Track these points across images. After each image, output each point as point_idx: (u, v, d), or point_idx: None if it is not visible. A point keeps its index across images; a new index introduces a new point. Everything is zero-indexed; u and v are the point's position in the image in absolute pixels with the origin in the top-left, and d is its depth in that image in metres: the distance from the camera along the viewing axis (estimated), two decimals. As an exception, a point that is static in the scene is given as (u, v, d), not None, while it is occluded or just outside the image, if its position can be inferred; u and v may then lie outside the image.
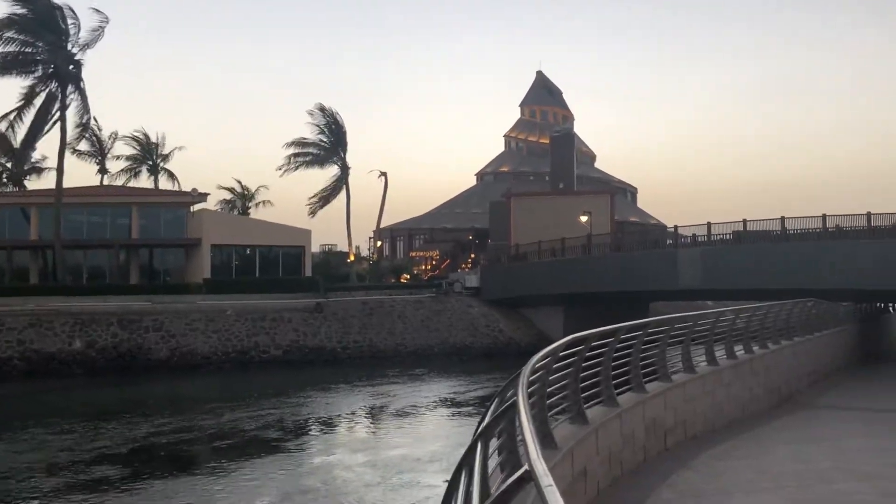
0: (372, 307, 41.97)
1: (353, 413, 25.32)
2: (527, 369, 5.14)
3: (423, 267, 71.68)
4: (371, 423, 24.42)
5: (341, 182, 58.85)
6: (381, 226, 65.51)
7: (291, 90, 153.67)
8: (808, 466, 9.93)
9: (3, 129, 49.51)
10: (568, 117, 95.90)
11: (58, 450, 18.81)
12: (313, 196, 59.76)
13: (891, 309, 34.01)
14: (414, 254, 79.07)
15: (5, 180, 57.47)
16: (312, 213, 60.01)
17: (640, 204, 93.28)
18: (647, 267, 37.12)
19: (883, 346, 29.07)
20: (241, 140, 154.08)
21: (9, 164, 56.51)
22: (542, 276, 42.85)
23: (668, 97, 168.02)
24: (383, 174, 59.82)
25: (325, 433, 22.56)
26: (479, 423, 5.20)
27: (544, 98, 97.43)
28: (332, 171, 59.01)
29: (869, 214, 29.84)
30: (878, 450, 11.10)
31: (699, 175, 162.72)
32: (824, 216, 31.24)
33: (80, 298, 38.45)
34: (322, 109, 58.16)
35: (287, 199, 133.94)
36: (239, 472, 16.63)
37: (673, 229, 41.89)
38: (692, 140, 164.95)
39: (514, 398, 4.17)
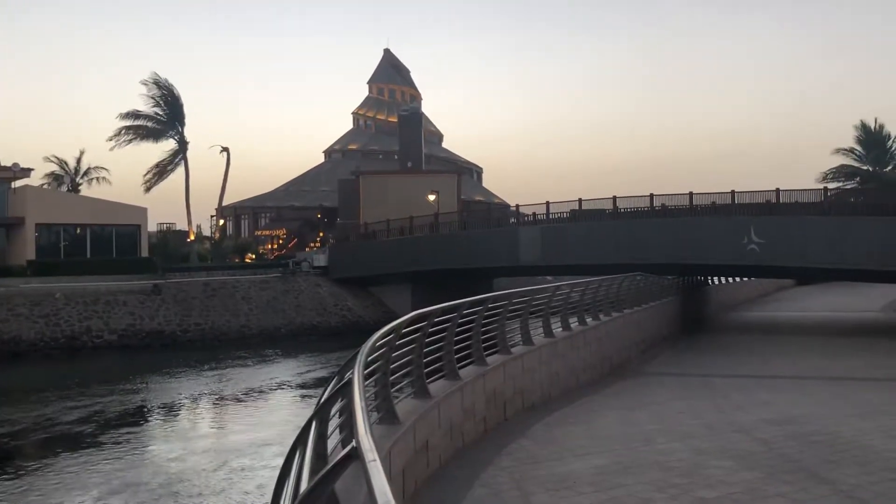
0: (214, 288, 40.59)
1: (191, 399, 24.44)
2: (366, 347, 5.18)
3: (270, 246, 70.08)
4: (210, 408, 23.70)
5: (178, 157, 56.25)
6: (224, 204, 63.32)
7: (129, 62, 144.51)
8: (635, 429, 10.68)
9: None
10: (416, 96, 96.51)
11: None
12: (148, 171, 56.83)
13: (710, 281, 36.99)
14: (259, 233, 77.12)
15: None
16: (148, 188, 57.14)
17: (486, 184, 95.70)
18: (490, 244, 38.27)
19: (702, 316, 31.64)
20: (73, 113, 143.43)
21: None
22: (391, 254, 43.11)
23: (517, 79, 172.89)
24: (225, 149, 57.66)
25: (160, 421, 21.67)
26: (318, 402, 5.20)
27: (392, 76, 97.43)
28: (169, 145, 56.31)
29: (691, 194, 32.24)
30: (695, 411, 12.11)
31: (541, 156, 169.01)
32: (651, 196, 33.41)
33: None
34: (157, 81, 55.18)
35: (123, 177, 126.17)
36: (63, 467, 15.61)
37: (515, 208, 43.32)
38: (537, 122, 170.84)
39: (351, 376, 4.20)
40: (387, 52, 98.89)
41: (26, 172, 51.78)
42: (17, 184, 49.83)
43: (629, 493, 7.23)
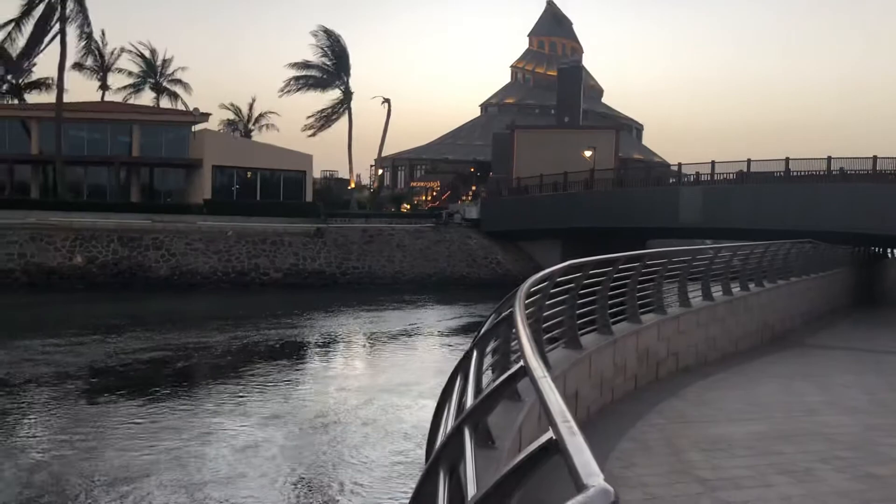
0: (371, 235, 42.09)
1: (346, 336, 25.69)
2: (524, 286, 5.19)
3: (424, 197, 71.55)
4: (363, 346, 24.80)
5: (343, 106, 58.20)
6: (383, 154, 65.04)
7: (298, 13, 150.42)
8: (796, 399, 10.13)
9: (1, 41, 48.68)
10: (577, 49, 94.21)
11: (54, 361, 19.11)
12: (312, 115, 59.15)
13: (889, 254, 34.11)
14: (415, 184, 78.81)
15: (5, 91, 56.74)
16: (313, 133, 59.51)
17: (646, 141, 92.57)
18: (648, 203, 37.07)
19: (878, 291, 29.28)
20: (246, 62, 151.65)
21: (9, 77, 55.73)
22: (543, 209, 42.81)
23: (681, 36, 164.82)
24: (386, 101, 59.05)
25: (317, 355, 22.93)
26: (476, 335, 5.29)
27: (553, 29, 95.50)
28: (334, 95, 58.33)
29: (875, 158, 29.65)
30: (865, 386, 11.30)
31: (707, 115, 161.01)
32: (829, 158, 31.04)
33: (81, 214, 38.46)
34: (325, 31, 57.07)
35: (289, 124, 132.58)
36: (227, 391, 16.89)
37: (677, 167, 41.63)
38: (703, 80, 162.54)
39: (511, 310, 4.22)
40: (549, 3, 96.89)
41: (205, 117, 55.40)
42: (197, 128, 53.49)
43: (789, 460, 6.88)
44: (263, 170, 52.36)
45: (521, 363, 2.45)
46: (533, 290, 6.49)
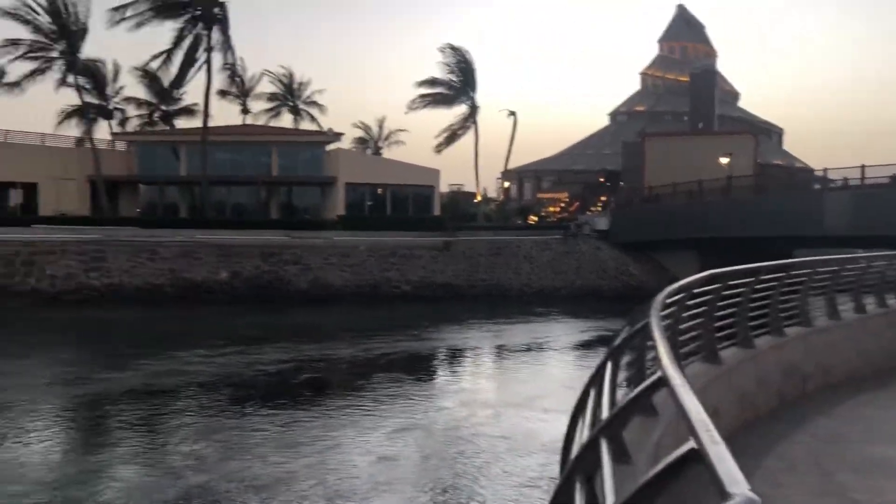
0: (499, 247, 42.16)
1: (475, 348, 25.81)
2: (660, 296, 5.00)
3: (552, 209, 71.03)
4: (491, 358, 24.83)
5: (469, 121, 58.78)
6: (509, 167, 65.12)
7: (422, 31, 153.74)
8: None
9: (155, 70, 52.62)
10: (710, 53, 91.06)
11: (198, 371, 20.25)
12: (439, 134, 60.07)
13: None
14: (542, 195, 78.40)
15: (157, 119, 61.13)
16: (439, 150, 60.40)
17: (787, 147, 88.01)
18: (791, 211, 35.09)
19: None
20: (375, 80, 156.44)
21: (161, 105, 60.06)
22: (677, 218, 41.44)
23: (820, 34, 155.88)
24: (512, 113, 59.16)
25: (447, 366, 23.19)
26: (610, 347, 5.14)
27: (684, 33, 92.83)
28: (460, 110, 59.03)
29: None
30: None
31: (855, 118, 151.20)
32: None
33: (225, 232, 40.74)
34: (452, 48, 57.93)
35: (416, 140, 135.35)
36: (358, 401, 17.28)
37: (822, 172, 39.25)
38: (850, 80, 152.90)
39: (647, 321, 4.07)
40: (680, 7, 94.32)
41: (338, 137, 57.62)
42: (331, 147, 55.65)
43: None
44: (393, 186, 53.71)
45: (659, 374, 2.34)
46: (668, 301, 6.26)
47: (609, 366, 3.97)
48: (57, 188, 50.34)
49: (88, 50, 52.27)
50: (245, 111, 66.04)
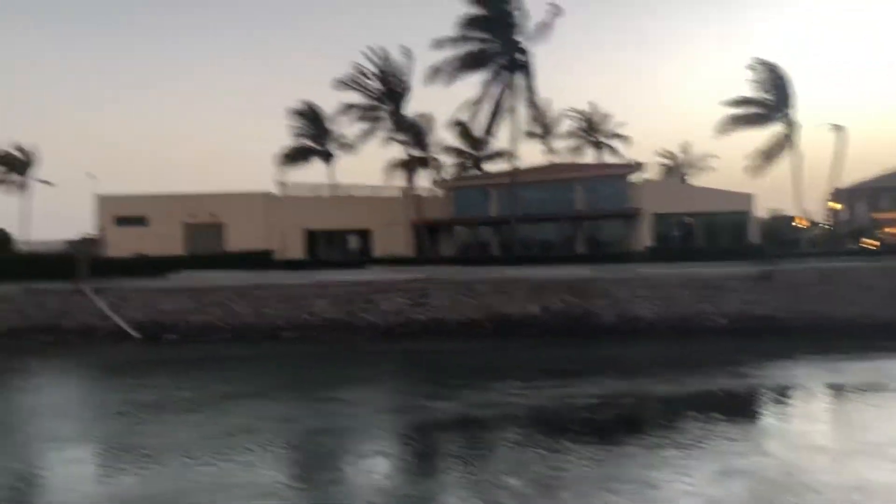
0: (828, 275, 38.15)
1: (804, 387, 23.45)
2: None
3: (889, 230, 62.82)
4: (825, 399, 22.32)
5: (787, 141, 54.49)
6: (837, 186, 58.95)
7: (725, 48, 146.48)
8: None
9: (466, 120, 56.63)
10: None
11: (510, 403, 20.89)
12: (751, 155, 56.41)
13: None
14: (879, 216, 69.66)
15: (470, 165, 65.55)
16: (753, 173, 56.68)
17: None
18: None
19: None
20: (676, 104, 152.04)
21: (473, 152, 64.35)
22: None
23: None
24: (838, 128, 53.65)
25: (772, 407, 21.27)
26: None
27: None
28: (775, 129, 55.01)
29: None
30: None
31: None
32: None
33: (533, 268, 42.09)
34: (763, 63, 54.44)
35: (725, 163, 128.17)
36: (674, 439, 16.47)
37: None
38: None
39: None
40: None
41: (640, 167, 56.84)
42: (634, 178, 55.05)
43: None
44: (702, 214, 51.54)
45: None
46: None
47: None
48: (387, 233, 56.20)
49: (408, 106, 57.83)
50: (549, 150, 68.19)
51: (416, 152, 60.69)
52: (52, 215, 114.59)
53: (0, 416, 21.02)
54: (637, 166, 56.62)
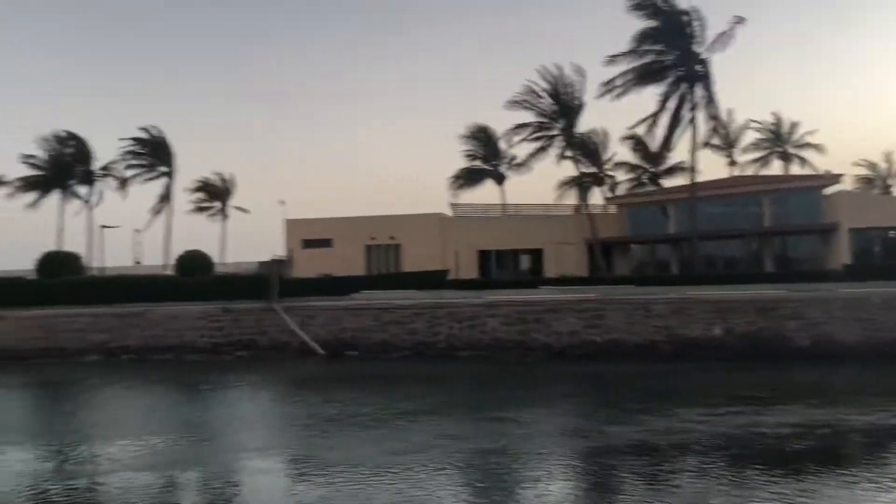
0: None
1: None
2: None
3: None
4: None
5: None
6: None
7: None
8: None
9: (642, 135, 55.19)
10: None
11: (691, 429, 19.81)
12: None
13: None
14: None
15: (646, 181, 63.67)
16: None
17: None
18: None
19: None
20: (873, 109, 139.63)
21: (649, 167, 62.50)
22: None
23: None
24: None
25: None
26: None
27: None
28: None
29: None
30: None
31: None
32: None
33: (716, 287, 40.02)
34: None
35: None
36: (881, 476, 14.92)
37: None
38: None
39: None
40: None
41: (836, 178, 52.73)
42: (829, 190, 51.08)
43: None
44: (911, 227, 46.83)
45: None
46: None
47: None
48: (559, 252, 55.74)
49: (580, 123, 57.26)
50: (732, 163, 64.97)
51: (589, 169, 59.93)
52: (245, 238, 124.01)
53: (198, 427, 22.78)
54: (834, 178, 52.56)
